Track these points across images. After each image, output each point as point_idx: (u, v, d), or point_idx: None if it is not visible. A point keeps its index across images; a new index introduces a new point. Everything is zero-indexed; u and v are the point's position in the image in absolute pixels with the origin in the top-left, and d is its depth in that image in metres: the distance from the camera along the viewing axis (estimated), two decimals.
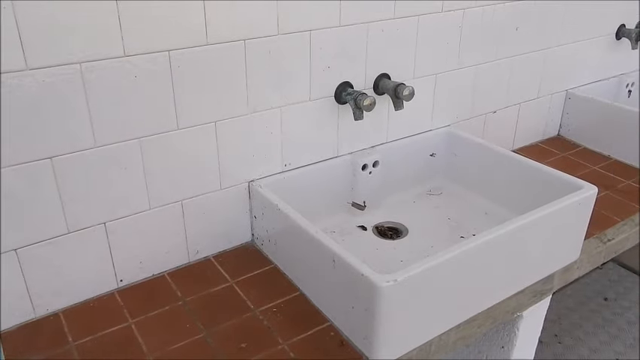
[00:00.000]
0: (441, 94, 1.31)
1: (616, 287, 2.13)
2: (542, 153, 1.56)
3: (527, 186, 1.18)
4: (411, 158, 1.31)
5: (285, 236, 1.03)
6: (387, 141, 1.27)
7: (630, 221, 1.26)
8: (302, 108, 1.10)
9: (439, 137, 1.34)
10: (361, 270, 0.82)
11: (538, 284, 1.09)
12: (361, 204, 1.23)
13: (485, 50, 1.34)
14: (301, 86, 1.08)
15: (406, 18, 1.16)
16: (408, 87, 1.14)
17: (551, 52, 1.49)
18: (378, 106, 1.19)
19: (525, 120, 1.54)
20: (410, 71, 1.23)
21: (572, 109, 1.60)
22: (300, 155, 1.14)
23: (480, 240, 0.92)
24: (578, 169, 1.47)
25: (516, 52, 1.41)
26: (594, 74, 1.65)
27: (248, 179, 1.09)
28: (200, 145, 0.99)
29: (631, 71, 1.75)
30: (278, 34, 1.00)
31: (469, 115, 1.40)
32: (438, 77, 1.29)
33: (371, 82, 1.18)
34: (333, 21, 1.06)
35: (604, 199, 1.33)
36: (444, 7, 1.21)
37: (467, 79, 1.34)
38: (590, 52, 1.59)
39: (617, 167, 1.48)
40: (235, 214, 1.10)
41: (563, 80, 1.57)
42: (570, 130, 1.62)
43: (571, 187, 1.08)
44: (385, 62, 1.18)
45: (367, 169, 1.23)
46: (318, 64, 1.08)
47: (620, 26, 1.62)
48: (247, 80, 1.00)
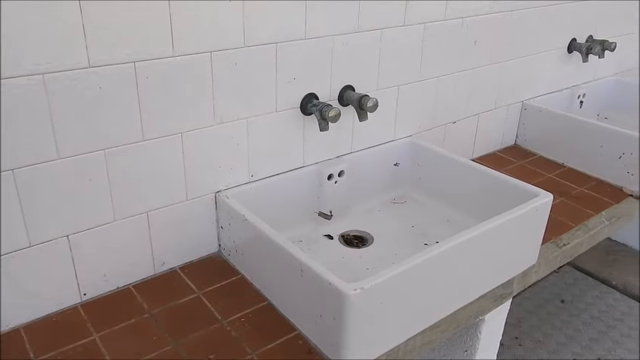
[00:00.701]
0: (403, 105, 1.35)
1: (572, 290, 2.21)
2: (500, 161, 1.61)
3: (487, 194, 1.22)
4: (376, 168, 1.34)
5: (252, 246, 1.03)
6: (352, 151, 1.29)
7: (584, 226, 1.32)
8: (268, 119, 1.11)
9: (402, 147, 1.37)
10: (328, 279, 0.83)
11: (499, 289, 1.13)
12: (328, 213, 1.25)
13: (445, 63, 1.38)
14: (267, 98, 1.09)
15: (369, 32, 1.19)
16: (372, 99, 1.16)
17: (507, 65, 1.55)
18: (343, 116, 1.21)
19: (484, 130, 1.59)
20: (374, 83, 1.25)
21: (527, 120, 1.66)
22: (266, 166, 1.15)
23: (443, 247, 0.95)
24: (534, 176, 1.53)
25: (475, 65, 1.45)
26: (548, 86, 1.72)
27: (214, 190, 1.09)
28: (166, 156, 0.99)
29: (582, 83, 1.83)
30: (244, 46, 1.01)
31: (431, 126, 1.44)
32: (401, 89, 1.32)
33: (336, 93, 1.20)
34: (298, 34, 1.08)
35: (559, 206, 1.38)
36: (406, 22, 1.24)
37: (428, 90, 1.38)
38: (544, 65, 1.66)
39: (571, 175, 1.54)
40: (202, 224, 1.10)
41: (519, 92, 1.63)
42: (526, 139, 1.68)
43: (528, 195, 1.12)
44: (350, 74, 1.20)
45: (333, 179, 1.25)
46: (284, 76, 1.09)
47: (571, 40, 1.70)
48: (214, 92, 1.01)
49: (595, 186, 1.48)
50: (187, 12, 0.92)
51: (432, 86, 1.38)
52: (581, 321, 2.04)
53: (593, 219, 1.35)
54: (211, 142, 1.05)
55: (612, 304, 2.14)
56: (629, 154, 1.44)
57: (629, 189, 1.46)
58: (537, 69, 1.65)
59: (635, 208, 1.44)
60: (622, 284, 2.24)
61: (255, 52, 1.03)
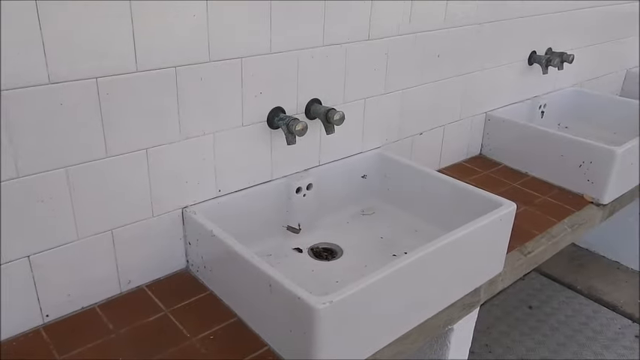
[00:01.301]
0: (370, 118, 1.36)
1: (539, 295, 2.26)
2: (466, 171, 1.64)
3: (453, 204, 1.24)
4: (344, 180, 1.34)
5: (221, 262, 1.02)
6: (320, 164, 1.30)
7: (547, 234, 1.35)
8: (235, 133, 1.11)
9: (370, 159, 1.38)
10: (297, 293, 0.83)
11: (466, 297, 1.15)
12: (296, 227, 1.25)
13: (410, 76, 1.40)
14: (234, 112, 1.09)
15: (335, 45, 1.20)
16: (339, 112, 1.17)
17: (471, 77, 1.58)
18: (311, 130, 1.22)
19: (449, 141, 1.62)
20: (340, 96, 1.27)
21: (491, 130, 1.70)
22: (234, 180, 1.14)
23: (411, 258, 0.96)
24: (499, 186, 1.56)
25: (439, 78, 1.48)
26: (510, 97, 1.76)
27: (181, 206, 1.08)
28: (130, 172, 0.98)
29: (543, 93, 1.88)
30: (210, 61, 1.01)
31: (397, 137, 1.46)
32: (367, 101, 1.34)
33: (303, 107, 1.21)
34: (263, 48, 1.08)
35: (523, 214, 1.41)
36: (371, 36, 1.26)
37: (394, 103, 1.40)
38: (506, 77, 1.70)
39: (534, 183, 1.58)
40: (169, 241, 1.09)
41: (482, 103, 1.67)
42: (491, 149, 1.72)
43: (492, 205, 1.15)
44: (316, 88, 1.21)
45: (301, 192, 1.25)
46: (250, 91, 1.10)
47: (531, 53, 1.75)
48: (179, 107, 1.00)
49: (557, 194, 1.52)
50: (151, 27, 0.91)
51: (397, 99, 1.40)
52: (549, 326, 2.08)
53: (556, 226, 1.38)
54: (177, 158, 1.04)
55: (577, 308, 2.19)
56: (588, 163, 1.48)
57: (589, 196, 1.50)
58: (500, 81, 1.69)
59: (596, 214, 1.48)
60: (586, 288, 2.29)
61: (220, 67, 1.03)
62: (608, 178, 1.46)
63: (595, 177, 1.48)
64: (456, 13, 1.43)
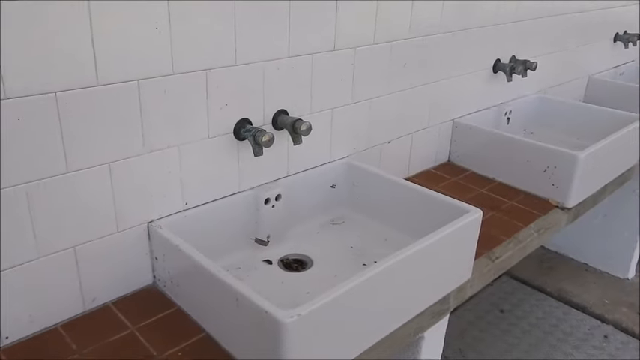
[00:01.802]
0: (338, 128, 1.36)
1: (510, 299, 2.29)
2: (434, 178, 1.66)
3: (422, 211, 1.25)
4: (313, 190, 1.34)
5: (188, 277, 1.01)
6: (288, 174, 1.30)
7: (514, 239, 1.37)
8: (201, 146, 1.10)
9: (339, 169, 1.38)
10: (264, 307, 0.83)
11: (436, 305, 1.15)
12: (264, 239, 1.24)
13: (377, 85, 1.41)
14: (199, 124, 1.08)
15: (301, 56, 1.20)
16: (305, 122, 1.17)
17: (438, 85, 1.60)
18: (278, 140, 1.22)
19: (418, 148, 1.63)
20: (307, 106, 1.27)
21: (459, 137, 1.72)
22: (200, 193, 1.13)
23: (380, 267, 0.96)
24: (467, 192, 1.58)
25: (406, 86, 1.50)
26: (477, 104, 1.79)
27: (147, 220, 1.06)
28: (93, 187, 0.96)
29: (508, 100, 1.92)
30: (173, 73, 1.00)
31: (366, 146, 1.46)
32: (335, 111, 1.34)
33: (269, 118, 1.20)
34: (228, 60, 1.08)
35: (491, 220, 1.43)
36: (337, 46, 1.27)
37: (362, 112, 1.41)
38: (472, 85, 1.73)
39: (502, 189, 1.61)
40: (134, 256, 1.07)
41: (449, 110, 1.69)
42: (459, 156, 1.74)
43: (459, 212, 1.16)
44: (282, 99, 1.21)
45: (270, 203, 1.24)
46: (216, 102, 1.09)
47: (496, 61, 1.78)
48: (142, 120, 0.99)
49: (524, 199, 1.55)
50: (111, 41, 0.90)
51: (365, 108, 1.41)
52: (520, 329, 2.11)
53: (523, 231, 1.40)
54: (142, 172, 1.02)
55: (548, 310, 2.23)
56: (552, 168, 1.51)
57: (554, 200, 1.53)
58: (466, 88, 1.71)
59: (561, 218, 1.51)
60: (556, 291, 2.33)
61: (185, 79, 1.02)
62: (572, 183, 1.49)
63: (559, 181, 1.51)
64: (421, 23, 1.45)
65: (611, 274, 2.42)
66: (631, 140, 1.77)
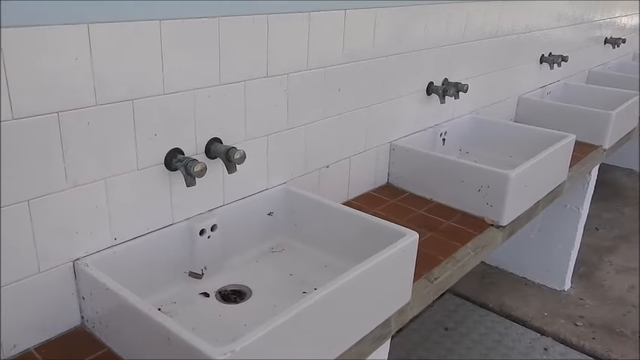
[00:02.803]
0: (274, 154, 1.35)
1: (454, 316, 2.32)
2: (374, 201, 1.67)
3: (360, 236, 1.25)
4: (250, 218, 1.32)
5: (117, 316, 0.96)
6: (224, 203, 1.27)
7: (452, 259, 1.39)
8: (130, 178, 1.06)
9: (276, 195, 1.37)
10: (195, 345, 0.79)
11: (377, 330, 1.15)
12: (198, 272, 1.20)
13: (312, 110, 1.42)
14: (127, 156, 1.04)
15: (232, 84, 1.19)
16: (239, 151, 1.16)
17: (374, 109, 1.62)
18: (213, 169, 1.19)
19: (357, 172, 1.64)
20: (241, 134, 1.25)
21: (396, 159, 1.75)
22: (131, 227, 1.09)
23: (318, 295, 0.95)
24: (406, 213, 1.60)
25: (341, 111, 1.51)
26: (413, 126, 1.82)
27: (72, 258, 1.01)
28: (10, 227, 0.90)
29: (443, 122, 1.97)
30: (96, 104, 0.96)
31: (303, 172, 1.46)
32: (270, 138, 1.33)
33: (202, 146, 1.18)
34: (156, 89, 1.05)
35: (429, 241, 1.45)
36: (269, 73, 1.26)
37: (298, 137, 1.40)
38: (407, 107, 1.76)
39: (439, 209, 1.63)
40: (60, 297, 1.01)
41: (386, 133, 1.72)
42: (397, 178, 1.76)
43: (396, 235, 1.16)
44: (215, 127, 1.19)
45: (205, 234, 1.21)
46: (144, 133, 1.06)
47: (429, 84, 1.82)
48: (64, 154, 0.94)
49: (460, 218, 1.58)
50: (27, 74, 0.85)
51: (301, 133, 1.41)
52: (464, 346, 2.14)
53: (460, 251, 1.42)
54: (65, 208, 0.97)
55: (490, 325, 2.27)
56: (486, 187, 1.55)
57: (489, 219, 1.57)
58: (401, 111, 1.74)
59: (497, 236, 1.55)
60: (498, 306, 2.39)
61: (109, 110, 0.99)
62: (505, 201, 1.53)
63: (493, 200, 1.55)
64: (354, 48, 1.47)
65: (548, 287, 2.51)
66: (560, 157, 1.85)
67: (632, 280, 2.60)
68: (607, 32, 3.19)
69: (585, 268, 2.67)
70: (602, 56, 3.23)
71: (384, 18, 1.53)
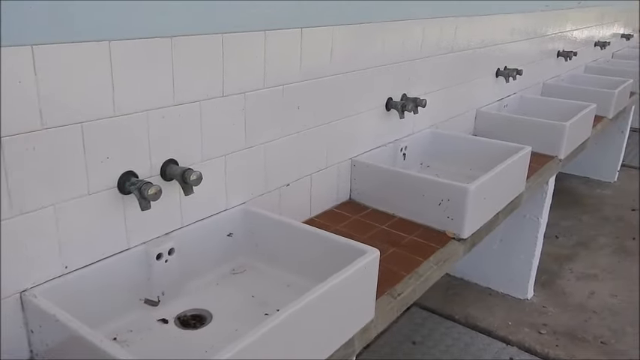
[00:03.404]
0: (233, 174, 1.33)
1: (421, 330, 2.32)
2: (337, 218, 1.66)
3: (321, 255, 1.24)
4: (210, 240, 1.29)
5: (68, 349, 0.92)
6: (182, 226, 1.24)
7: (415, 274, 1.39)
8: (80, 203, 1.02)
9: (235, 216, 1.35)
10: None
11: (340, 350, 1.13)
12: (154, 300, 1.17)
13: (271, 129, 1.41)
14: (77, 180, 1.01)
15: (188, 104, 1.17)
16: (196, 172, 1.13)
17: (333, 126, 1.62)
18: (169, 191, 1.17)
19: (318, 189, 1.64)
20: (198, 155, 1.23)
21: (358, 175, 1.75)
22: (82, 254, 1.05)
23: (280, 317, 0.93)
24: (368, 229, 1.59)
25: (301, 128, 1.50)
26: (373, 142, 1.83)
27: (19, 289, 0.96)
28: None
29: (403, 136, 1.98)
30: (42, 128, 0.93)
31: (264, 191, 1.44)
32: (228, 158, 1.31)
33: (158, 168, 1.15)
34: (106, 111, 1.02)
35: (392, 256, 1.45)
36: (225, 92, 1.25)
37: (257, 156, 1.39)
38: (367, 123, 1.77)
39: (401, 224, 1.64)
40: (6, 331, 0.96)
41: (347, 150, 1.72)
42: (359, 193, 1.76)
43: (357, 252, 1.15)
44: (171, 148, 1.16)
45: (163, 258, 1.17)
46: (95, 156, 1.02)
47: (388, 99, 1.84)
48: (8, 180, 0.90)
49: (422, 233, 1.59)
50: None
51: (260, 152, 1.39)
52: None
53: (423, 265, 1.43)
54: (11, 237, 0.93)
55: (457, 337, 2.28)
56: (446, 201, 1.56)
57: (451, 232, 1.58)
58: (361, 127, 1.75)
59: (458, 249, 1.56)
60: (463, 317, 2.40)
61: (57, 134, 0.95)
62: (465, 214, 1.55)
63: (454, 213, 1.56)
64: (312, 66, 1.47)
65: (512, 296, 2.54)
66: (517, 169, 1.88)
67: (592, 287, 2.66)
68: (559, 45, 3.29)
69: (547, 276, 2.72)
70: (555, 69, 3.33)
71: (341, 36, 1.53)
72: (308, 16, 1.41)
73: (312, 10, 1.42)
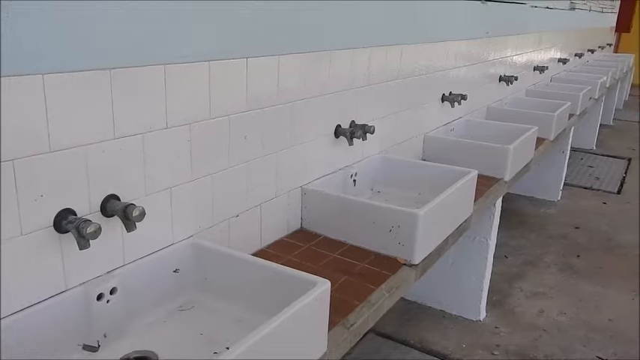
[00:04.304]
0: (179, 207, 1.29)
1: (376, 357, 2.30)
2: (288, 247, 1.64)
3: (271, 288, 1.21)
4: (155, 277, 1.24)
5: None
6: (124, 263, 1.19)
7: (367, 302, 1.38)
8: (12, 245, 0.96)
9: (182, 250, 1.30)
10: None
11: None
12: (94, 345, 1.11)
13: (218, 159, 1.38)
14: (9, 221, 0.95)
15: (129, 137, 1.13)
16: (138, 207, 1.09)
17: (282, 154, 1.61)
18: (111, 228, 1.12)
19: (268, 218, 1.61)
20: (141, 189, 1.19)
21: (308, 203, 1.73)
22: (15, 299, 0.99)
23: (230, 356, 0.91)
24: (320, 258, 1.58)
25: (249, 158, 1.48)
26: (323, 169, 1.83)
27: None
28: None
29: (353, 163, 1.99)
30: None
31: (212, 223, 1.40)
32: (174, 190, 1.27)
33: (97, 205, 1.10)
34: (41, 147, 0.97)
35: (344, 285, 1.44)
36: (169, 124, 1.22)
37: (204, 188, 1.36)
38: (317, 151, 1.77)
39: (353, 252, 1.63)
40: None
41: (297, 178, 1.70)
42: (310, 222, 1.75)
43: (308, 284, 1.13)
44: (111, 183, 1.12)
45: (104, 298, 1.12)
46: (28, 194, 0.97)
47: (336, 126, 1.85)
48: None
49: (374, 260, 1.58)
50: None
51: (207, 184, 1.36)
52: None
53: (375, 293, 1.42)
54: None
55: None
56: (397, 227, 1.57)
57: (402, 258, 1.58)
58: (311, 155, 1.74)
59: (410, 275, 1.56)
60: (419, 342, 2.40)
61: None
62: (416, 239, 1.56)
63: (404, 239, 1.57)
64: (258, 95, 1.46)
65: (465, 318, 2.56)
66: (465, 192, 1.92)
67: (541, 305, 2.72)
68: (501, 70, 3.42)
69: (498, 296, 2.77)
70: (498, 93, 3.45)
71: (287, 64, 1.53)
72: (253, 45, 1.40)
73: (258, 39, 1.42)
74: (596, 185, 4.61)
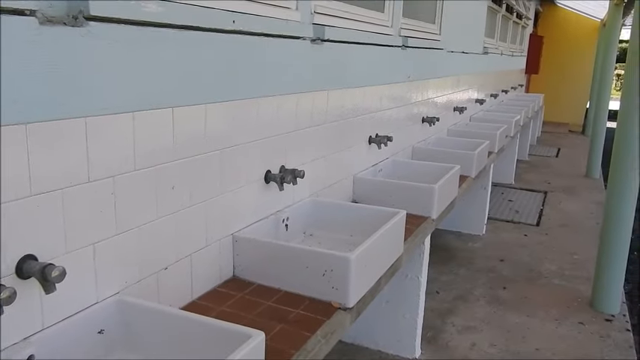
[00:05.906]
0: (103, 263, 1.24)
1: None
2: (221, 298, 1.60)
3: (204, 343, 1.17)
4: (78, 340, 1.17)
5: None
6: (43, 327, 1.11)
7: (303, 351, 1.36)
8: None
9: (108, 309, 1.24)
10: None
11: None
12: None
13: (145, 211, 1.34)
14: None
15: (47, 193, 1.08)
16: (58, 267, 1.04)
17: (212, 203, 1.59)
18: (27, 290, 1.05)
19: (199, 269, 1.57)
20: (61, 247, 1.13)
21: (240, 251, 1.71)
22: None
23: None
24: (254, 307, 1.55)
25: (177, 208, 1.45)
26: (255, 215, 1.82)
27: None
28: None
29: (284, 207, 1.99)
30: None
31: (139, 278, 1.35)
32: (97, 246, 1.22)
33: (12, 267, 1.04)
34: None
35: (280, 334, 1.41)
36: (91, 178, 1.18)
37: (130, 242, 1.31)
38: (247, 197, 1.76)
39: (288, 298, 1.61)
40: None
41: (227, 225, 1.68)
42: (243, 269, 1.72)
43: (242, 337, 1.11)
44: (27, 243, 1.06)
45: None
46: None
47: (266, 172, 1.85)
48: None
49: (308, 305, 1.57)
50: None
51: (133, 237, 1.32)
52: None
53: (310, 340, 1.40)
54: None
55: None
56: (330, 271, 1.57)
57: (336, 302, 1.58)
58: (241, 202, 1.73)
59: (345, 318, 1.56)
60: None
61: None
62: (349, 282, 1.57)
63: (338, 283, 1.57)
64: (186, 144, 1.44)
65: (402, 357, 2.58)
66: (395, 233, 1.96)
67: (473, 338, 2.79)
68: (424, 111, 3.58)
69: (432, 332, 2.81)
70: (421, 133, 3.60)
71: (214, 112, 1.53)
72: (179, 95, 1.40)
73: (183, 89, 1.41)
74: (517, 218, 4.86)
